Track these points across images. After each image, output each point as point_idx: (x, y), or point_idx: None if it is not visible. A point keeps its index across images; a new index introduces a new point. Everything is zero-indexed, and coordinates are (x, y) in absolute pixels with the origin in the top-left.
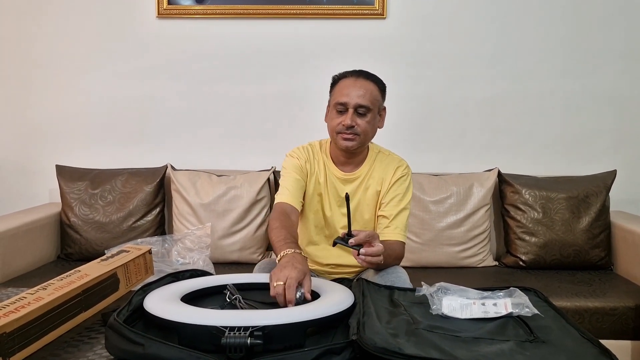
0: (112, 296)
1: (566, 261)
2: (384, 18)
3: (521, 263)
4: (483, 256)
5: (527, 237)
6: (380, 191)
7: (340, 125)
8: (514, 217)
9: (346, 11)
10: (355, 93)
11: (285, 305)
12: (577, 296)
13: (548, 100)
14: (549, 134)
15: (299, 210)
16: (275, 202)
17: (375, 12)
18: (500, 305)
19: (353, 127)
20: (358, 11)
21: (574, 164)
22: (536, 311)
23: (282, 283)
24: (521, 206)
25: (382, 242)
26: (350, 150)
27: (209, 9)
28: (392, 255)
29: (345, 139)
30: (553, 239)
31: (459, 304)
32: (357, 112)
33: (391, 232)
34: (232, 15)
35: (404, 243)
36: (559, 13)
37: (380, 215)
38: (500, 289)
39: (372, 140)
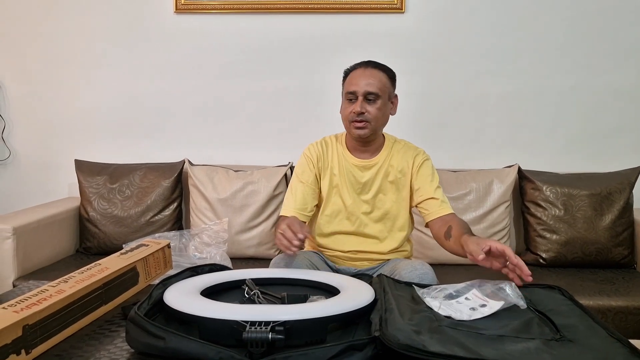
0: (131, 289)
1: (588, 259)
2: (403, 12)
3: (541, 261)
4: None
5: (548, 235)
6: (400, 179)
7: (351, 114)
8: (534, 214)
9: (364, 5)
10: (364, 81)
11: (290, 250)
12: (599, 295)
13: (570, 96)
14: (570, 130)
15: (307, 216)
16: (280, 215)
17: (394, 6)
18: (472, 298)
19: (363, 113)
20: (377, 5)
21: (596, 161)
22: (524, 304)
23: (280, 234)
24: (542, 203)
25: (453, 224)
26: (363, 138)
27: (227, 3)
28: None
29: (357, 127)
30: (575, 236)
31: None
32: (367, 99)
33: (445, 208)
34: (250, 10)
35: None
36: (581, 7)
37: (427, 200)
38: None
39: (387, 131)
